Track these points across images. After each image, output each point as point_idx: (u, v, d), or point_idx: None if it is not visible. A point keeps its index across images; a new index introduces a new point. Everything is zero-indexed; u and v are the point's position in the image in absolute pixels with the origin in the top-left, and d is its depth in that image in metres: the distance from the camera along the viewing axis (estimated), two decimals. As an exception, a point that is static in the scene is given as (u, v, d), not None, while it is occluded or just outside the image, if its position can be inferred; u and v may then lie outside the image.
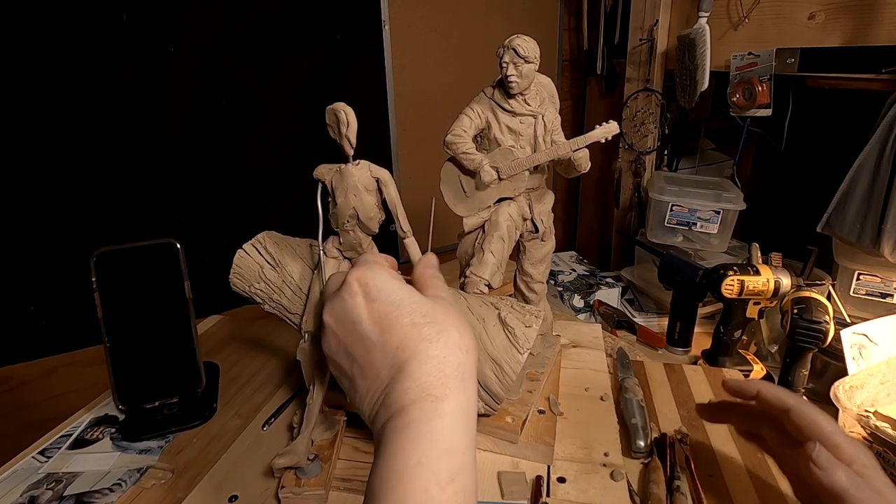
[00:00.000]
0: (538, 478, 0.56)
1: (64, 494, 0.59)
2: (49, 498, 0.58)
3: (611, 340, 0.88)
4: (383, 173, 0.55)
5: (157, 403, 0.68)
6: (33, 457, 0.65)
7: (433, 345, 0.35)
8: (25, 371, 1.01)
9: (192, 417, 0.69)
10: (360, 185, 0.54)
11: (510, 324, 0.52)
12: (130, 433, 0.67)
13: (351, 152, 0.53)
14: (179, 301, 0.68)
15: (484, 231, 0.66)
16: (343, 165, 0.54)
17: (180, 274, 0.67)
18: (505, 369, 0.51)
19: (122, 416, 0.71)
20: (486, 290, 0.64)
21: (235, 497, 0.55)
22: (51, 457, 0.65)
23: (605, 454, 0.59)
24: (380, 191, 0.56)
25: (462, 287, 0.66)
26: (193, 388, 0.69)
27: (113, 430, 0.69)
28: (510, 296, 0.67)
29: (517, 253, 0.72)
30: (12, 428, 1.01)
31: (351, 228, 0.56)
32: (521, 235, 0.70)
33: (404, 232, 0.57)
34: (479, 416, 0.54)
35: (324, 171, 0.55)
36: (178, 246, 0.67)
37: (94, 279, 0.64)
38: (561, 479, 0.56)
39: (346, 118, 0.50)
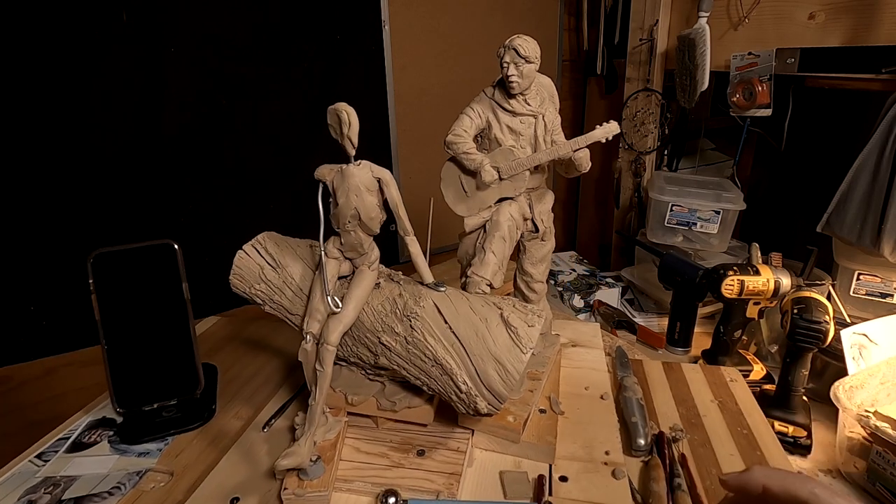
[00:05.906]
0: (540, 477, 0.56)
1: (62, 498, 0.57)
2: (48, 501, 0.57)
3: (609, 339, 0.90)
4: (385, 173, 0.55)
5: (155, 406, 0.67)
6: (30, 460, 0.63)
7: None
8: (25, 371, 1.01)
9: (192, 419, 0.68)
10: (361, 185, 0.54)
11: (513, 323, 0.52)
12: (129, 436, 0.66)
13: (352, 153, 0.53)
14: (178, 302, 0.67)
15: (485, 231, 0.67)
16: (344, 166, 0.54)
17: (178, 275, 0.66)
18: (508, 369, 0.51)
19: (120, 419, 0.70)
20: (487, 289, 0.64)
21: (237, 499, 0.54)
22: (48, 460, 0.63)
23: (606, 453, 0.60)
24: (381, 191, 0.56)
25: (463, 287, 0.66)
26: (192, 389, 0.68)
27: (111, 432, 0.68)
28: (509, 295, 0.67)
29: (517, 253, 0.72)
30: (12, 428, 1.01)
31: (352, 229, 0.56)
32: (521, 235, 0.70)
33: (406, 231, 0.58)
34: (482, 415, 0.54)
35: (325, 172, 0.55)
36: (176, 247, 0.66)
37: (91, 280, 0.63)
38: (563, 478, 0.56)
39: (347, 118, 0.50)
